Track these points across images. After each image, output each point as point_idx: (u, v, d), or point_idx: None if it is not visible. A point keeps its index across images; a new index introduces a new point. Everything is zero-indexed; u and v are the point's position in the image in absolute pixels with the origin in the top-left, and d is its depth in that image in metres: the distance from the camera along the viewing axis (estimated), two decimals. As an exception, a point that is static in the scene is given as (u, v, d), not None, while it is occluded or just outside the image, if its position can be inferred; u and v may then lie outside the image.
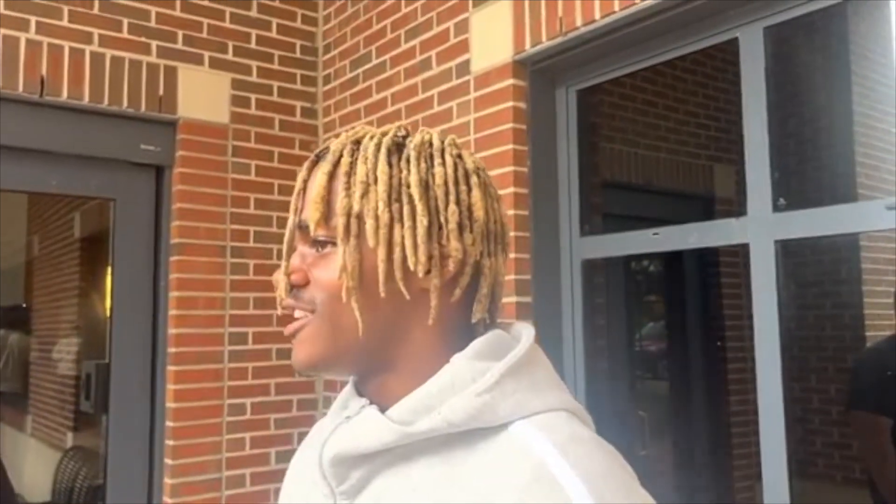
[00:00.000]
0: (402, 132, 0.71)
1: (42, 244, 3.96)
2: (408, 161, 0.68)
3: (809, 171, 3.46)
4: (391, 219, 0.66)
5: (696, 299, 3.47)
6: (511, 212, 1.93)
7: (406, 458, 0.65)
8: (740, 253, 1.79)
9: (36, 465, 3.78)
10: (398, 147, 0.69)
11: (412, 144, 0.69)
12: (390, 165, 0.68)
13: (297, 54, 2.74)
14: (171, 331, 2.38)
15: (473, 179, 0.70)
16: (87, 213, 3.34)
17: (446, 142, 0.72)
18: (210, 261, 2.45)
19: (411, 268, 0.66)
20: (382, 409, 0.67)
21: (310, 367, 0.70)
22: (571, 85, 2.03)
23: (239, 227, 2.52)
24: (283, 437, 2.54)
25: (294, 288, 0.70)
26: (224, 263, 2.48)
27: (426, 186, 0.67)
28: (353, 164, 0.68)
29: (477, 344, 0.67)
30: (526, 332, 0.70)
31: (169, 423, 2.35)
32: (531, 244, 1.97)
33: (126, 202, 2.42)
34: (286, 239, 0.72)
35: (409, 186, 0.67)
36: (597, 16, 1.74)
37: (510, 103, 1.97)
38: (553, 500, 0.56)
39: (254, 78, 2.61)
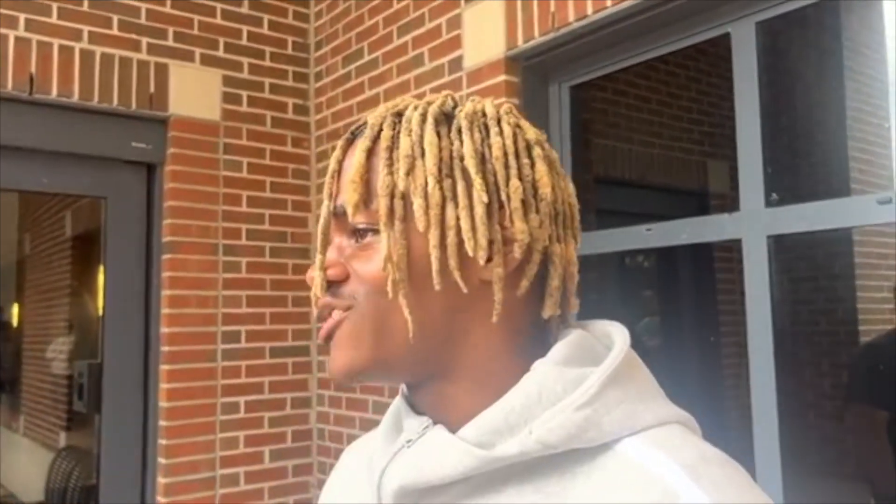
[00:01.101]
0: (451, 102, 0.62)
1: (33, 243, 3.95)
2: (459, 131, 0.59)
3: (802, 166, 3.46)
4: (443, 197, 0.56)
5: (690, 295, 3.47)
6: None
7: (489, 487, 0.55)
8: (734, 248, 1.79)
9: (29, 465, 3.77)
10: (447, 117, 0.60)
11: (462, 114, 0.60)
12: (439, 136, 0.58)
13: (289, 51, 2.72)
14: (164, 329, 2.37)
15: (536, 151, 0.60)
16: (78, 212, 3.33)
17: (502, 110, 0.62)
18: (202, 259, 2.44)
19: (470, 254, 0.56)
20: (448, 427, 0.58)
21: (350, 375, 0.60)
22: (564, 81, 2.02)
23: (231, 224, 2.50)
24: (277, 436, 2.54)
25: (332, 285, 0.60)
26: (216, 261, 2.46)
27: (482, 159, 0.58)
28: (395, 138, 0.59)
29: (563, 347, 0.58)
30: (617, 332, 0.61)
31: (162, 422, 2.34)
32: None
33: (117, 200, 2.41)
34: (321, 229, 0.62)
35: (462, 159, 0.58)
36: (589, 11, 1.74)
37: (503, 99, 1.97)
38: None
39: (245, 75, 2.60)
